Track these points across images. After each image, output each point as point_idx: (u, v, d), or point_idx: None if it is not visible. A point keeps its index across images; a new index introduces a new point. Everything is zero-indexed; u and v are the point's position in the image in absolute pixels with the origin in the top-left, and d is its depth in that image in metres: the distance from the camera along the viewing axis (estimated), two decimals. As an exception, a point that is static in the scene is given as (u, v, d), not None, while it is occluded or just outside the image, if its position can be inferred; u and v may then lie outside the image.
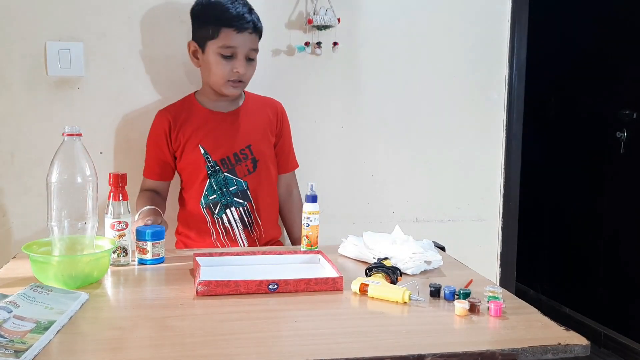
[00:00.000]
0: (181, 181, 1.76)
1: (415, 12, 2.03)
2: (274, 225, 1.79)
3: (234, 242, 1.69)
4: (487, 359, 0.92)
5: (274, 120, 1.77)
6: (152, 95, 1.88)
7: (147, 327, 1.00)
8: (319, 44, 1.93)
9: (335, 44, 1.94)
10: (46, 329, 0.93)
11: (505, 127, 2.15)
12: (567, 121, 3.14)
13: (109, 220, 1.33)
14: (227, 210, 1.69)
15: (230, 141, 1.68)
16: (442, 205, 2.12)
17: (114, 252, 1.32)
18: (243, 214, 1.70)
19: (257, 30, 1.65)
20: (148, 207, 1.51)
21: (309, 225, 1.42)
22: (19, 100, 1.80)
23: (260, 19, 1.77)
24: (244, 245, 1.70)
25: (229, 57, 1.61)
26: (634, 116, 2.64)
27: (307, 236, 1.42)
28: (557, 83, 3.21)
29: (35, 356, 0.86)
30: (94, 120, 1.84)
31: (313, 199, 1.42)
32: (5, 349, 0.84)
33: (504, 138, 2.15)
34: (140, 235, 1.34)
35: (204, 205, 1.68)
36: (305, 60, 1.96)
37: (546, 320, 1.05)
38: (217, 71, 1.62)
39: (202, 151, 1.67)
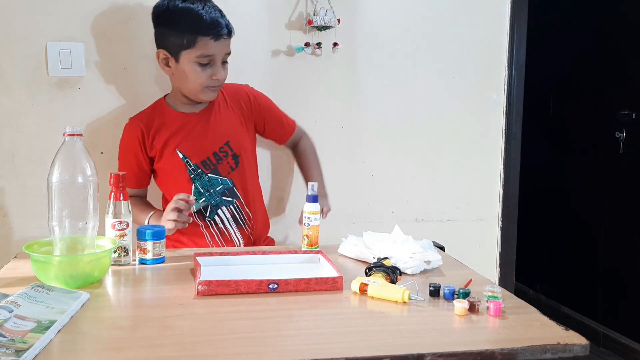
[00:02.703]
0: (162, 188, 1.73)
1: (415, 13, 2.04)
2: (264, 217, 1.79)
3: (229, 242, 1.68)
4: (487, 359, 0.92)
5: (246, 107, 1.73)
6: (153, 96, 1.87)
7: (147, 327, 1.00)
8: (319, 44, 1.94)
9: (335, 44, 1.95)
10: (47, 328, 0.93)
11: (504, 128, 2.15)
12: (566, 121, 3.14)
13: (109, 220, 1.33)
14: (219, 211, 1.67)
15: (208, 141, 1.65)
16: (441, 205, 2.13)
17: (114, 252, 1.32)
18: (234, 211, 1.68)
19: (231, 34, 1.60)
20: (154, 212, 1.60)
21: (309, 225, 1.42)
22: (19, 100, 1.80)
23: (260, 19, 1.77)
24: (239, 243, 1.69)
25: (206, 65, 1.57)
26: (633, 116, 2.64)
27: (307, 236, 1.43)
28: (557, 83, 3.22)
29: (36, 356, 0.86)
30: (94, 120, 1.84)
31: (313, 199, 1.43)
32: (6, 349, 0.85)
33: (504, 138, 2.16)
34: (140, 235, 1.35)
35: (195, 210, 1.65)
36: (305, 61, 1.96)
37: (545, 319, 1.05)
38: (195, 79, 1.57)
39: (181, 155, 1.64)
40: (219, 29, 1.55)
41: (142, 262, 1.35)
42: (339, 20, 1.92)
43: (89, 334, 0.97)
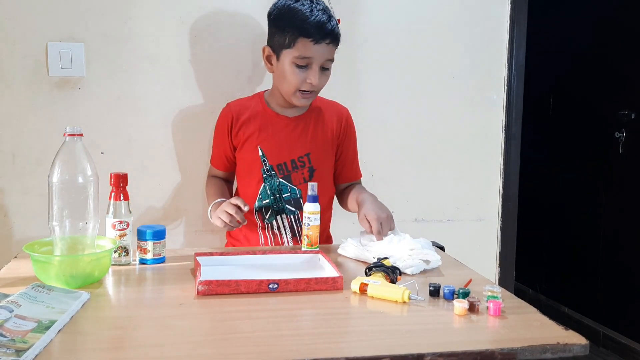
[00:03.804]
0: (237, 178, 1.74)
1: (414, 13, 2.04)
2: (325, 234, 1.75)
3: None
4: (486, 358, 0.92)
5: (338, 128, 1.71)
6: (153, 96, 1.88)
7: (148, 327, 1.00)
8: (319, 44, 1.93)
9: (335, 44, 1.94)
10: (47, 328, 0.94)
11: (504, 128, 2.15)
12: (566, 121, 3.15)
13: (110, 220, 1.33)
14: (278, 217, 1.65)
15: (290, 147, 1.64)
16: (441, 205, 2.13)
17: (115, 252, 1.32)
18: (293, 223, 1.66)
19: (336, 40, 1.57)
20: (218, 200, 1.59)
21: (309, 225, 1.42)
22: (20, 100, 1.81)
23: (261, 19, 1.77)
24: None
25: (304, 67, 1.54)
26: (633, 116, 2.65)
27: (307, 236, 1.43)
28: (556, 83, 3.22)
29: (36, 355, 0.86)
30: (95, 120, 1.84)
31: (313, 199, 1.43)
32: (7, 349, 0.85)
33: (503, 138, 2.16)
34: (141, 235, 1.35)
35: (257, 209, 1.66)
36: (305, 61, 1.96)
37: (545, 319, 1.05)
38: (290, 80, 1.55)
39: (260, 153, 1.64)
40: (322, 33, 1.52)
41: (143, 262, 1.35)
42: (339, 21, 1.91)
43: (89, 334, 0.97)
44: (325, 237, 1.76)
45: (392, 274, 1.20)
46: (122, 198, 1.34)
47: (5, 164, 1.82)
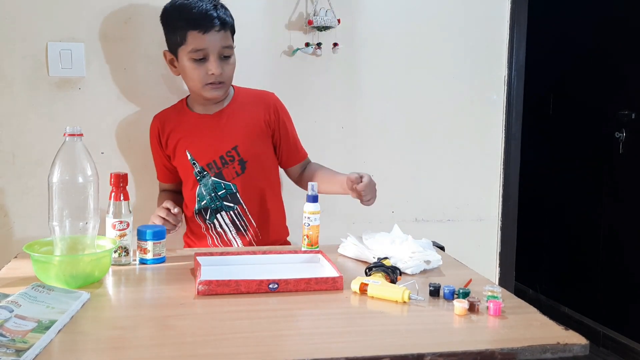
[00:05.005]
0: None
1: (414, 13, 2.04)
2: (276, 226, 1.73)
3: (229, 246, 1.67)
4: (486, 358, 0.92)
5: (267, 115, 1.67)
6: (153, 96, 1.88)
7: (148, 327, 1.00)
8: (319, 44, 1.94)
9: (335, 44, 1.95)
10: (47, 328, 0.94)
11: (504, 128, 2.15)
12: (566, 121, 3.15)
13: (110, 220, 1.33)
14: (218, 215, 1.65)
15: (215, 144, 1.63)
16: (441, 205, 2.13)
17: (115, 252, 1.32)
18: (234, 218, 1.66)
19: (226, 26, 1.55)
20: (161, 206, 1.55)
21: (309, 225, 1.42)
22: (20, 100, 1.81)
23: (261, 19, 1.76)
24: None
25: (202, 60, 1.53)
26: (633, 116, 2.65)
27: (307, 236, 1.43)
28: (556, 83, 3.22)
29: (36, 355, 0.86)
30: (95, 120, 1.84)
31: (313, 199, 1.43)
32: (7, 349, 0.85)
33: (503, 138, 2.16)
34: (141, 235, 1.35)
35: (197, 211, 1.66)
36: (305, 61, 1.96)
37: (545, 319, 1.05)
38: (193, 76, 1.55)
39: (189, 157, 1.64)
40: (208, 21, 1.51)
41: (143, 262, 1.35)
42: (339, 21, 1.92)
43: (89, 334, 0.97)
44: (281, 230, 1.74)
45: (392, 274, 1.20)
46: (122, 198, 1.34)
47: (5, 164, 1.82)
